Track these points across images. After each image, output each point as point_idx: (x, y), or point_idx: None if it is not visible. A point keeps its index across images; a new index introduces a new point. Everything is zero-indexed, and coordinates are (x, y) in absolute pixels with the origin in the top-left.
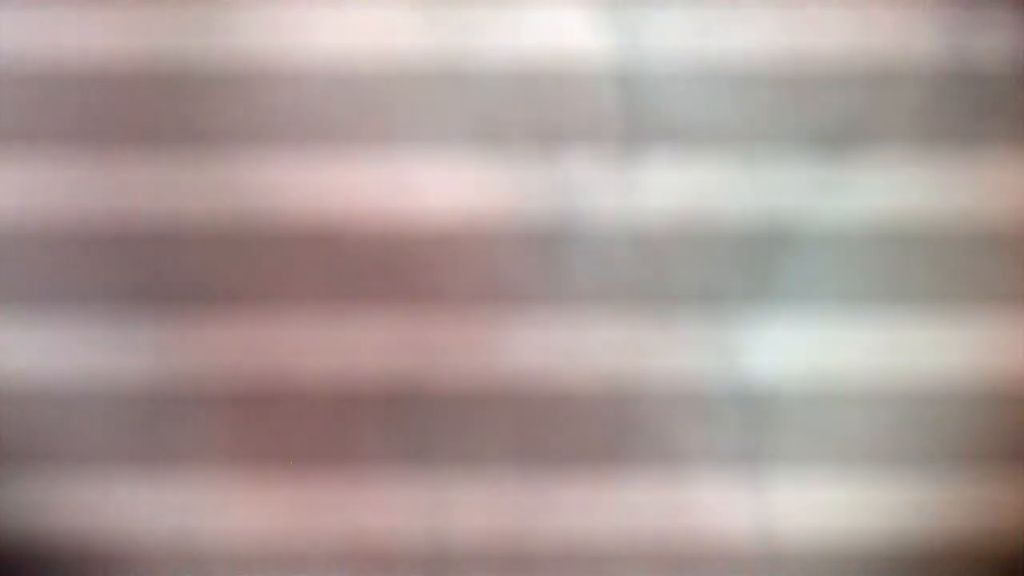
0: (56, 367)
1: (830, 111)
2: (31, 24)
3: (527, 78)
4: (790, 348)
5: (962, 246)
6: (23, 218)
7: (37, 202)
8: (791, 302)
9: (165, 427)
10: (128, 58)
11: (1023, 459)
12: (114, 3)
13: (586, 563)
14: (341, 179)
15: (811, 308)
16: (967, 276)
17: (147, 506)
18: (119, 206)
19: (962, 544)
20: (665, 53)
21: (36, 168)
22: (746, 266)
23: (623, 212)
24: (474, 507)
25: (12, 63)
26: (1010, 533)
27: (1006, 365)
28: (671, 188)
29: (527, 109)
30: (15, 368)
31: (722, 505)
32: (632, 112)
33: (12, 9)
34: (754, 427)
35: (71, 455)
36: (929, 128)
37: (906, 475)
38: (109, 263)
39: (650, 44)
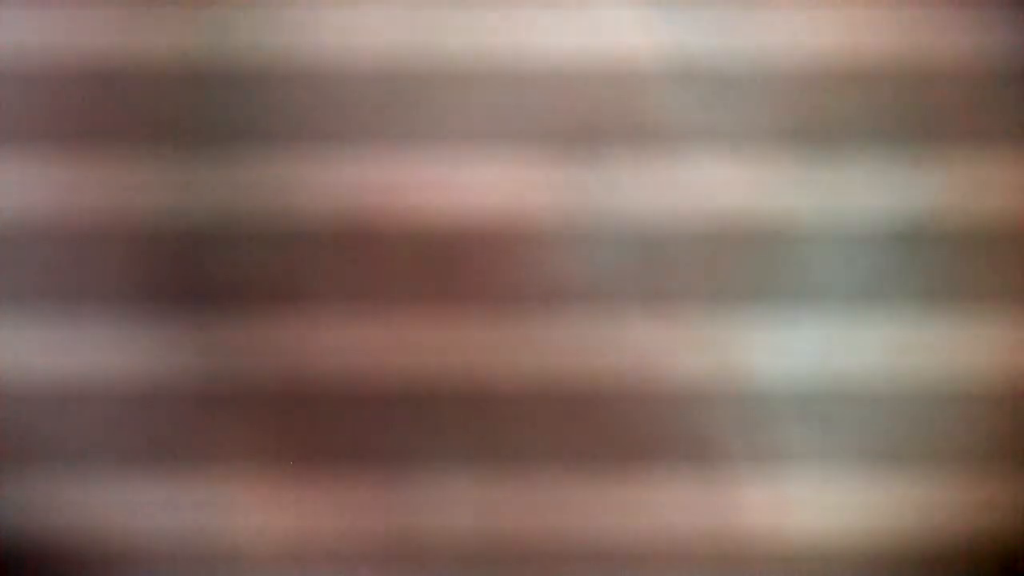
0: (70, 366)
1: (830, 110)
2: (31, 24)
3: (567, 77)
4: (790, 348)
5: (962, 246)
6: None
7: (54, 200)
8: (791, 302)
9: (180, 426)
10: (139, 56)
11: (1023, 459)
12: (120, 1)
13: (599, 561)
14: (377, 177)
15: (811, 308)
16: (967, 276)
17: (160, 506)
18: (137, 205)
19: (962, 544)
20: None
21: (46, 168)
22: (745, 266)
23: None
24: (516, 506)
25: (12, 63)
26: (1010, 533)
27: (1006, 365)
28: (675, 187)
29: (567, 108)
30: (24, 367)
31: (721, 504)
32: (669, 112)
33: (12, 9)
34: (753, 427)
35: (81, 454)
36: (930, 127)
37: (906, 475)
38: (124, 262)
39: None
